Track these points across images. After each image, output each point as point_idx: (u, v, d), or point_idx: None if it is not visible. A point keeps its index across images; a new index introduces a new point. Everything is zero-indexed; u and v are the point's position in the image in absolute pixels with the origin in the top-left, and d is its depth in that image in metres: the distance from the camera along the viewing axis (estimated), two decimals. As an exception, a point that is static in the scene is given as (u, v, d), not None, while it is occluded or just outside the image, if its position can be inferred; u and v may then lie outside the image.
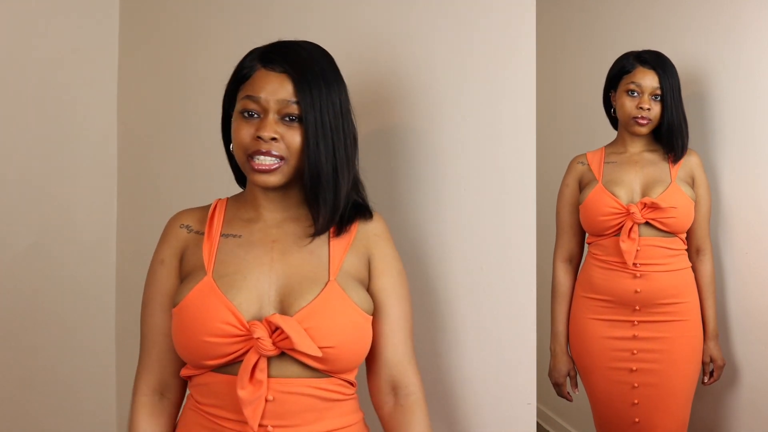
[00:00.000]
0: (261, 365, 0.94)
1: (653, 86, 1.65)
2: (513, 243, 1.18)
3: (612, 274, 1.64)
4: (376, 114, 1.33)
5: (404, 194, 1.30)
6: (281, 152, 0.98)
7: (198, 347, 0.96)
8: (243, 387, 0.93)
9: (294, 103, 0.98)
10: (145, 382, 1.06)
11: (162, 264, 1.06)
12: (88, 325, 1.92)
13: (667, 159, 1.68)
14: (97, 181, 1.93)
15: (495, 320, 1.20)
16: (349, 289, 1.01)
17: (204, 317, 0.96)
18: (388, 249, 1.09)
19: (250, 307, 0.97)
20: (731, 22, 1.65)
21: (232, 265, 1.01)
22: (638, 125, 1.66)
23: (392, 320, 1.06)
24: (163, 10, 1.85)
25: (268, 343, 0.94)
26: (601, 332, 1.66)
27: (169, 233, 1.07)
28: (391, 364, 1.06)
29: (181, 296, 0.99)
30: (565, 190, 1.75)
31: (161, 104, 1.84)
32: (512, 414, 1.19)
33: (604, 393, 1.67)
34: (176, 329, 0.99)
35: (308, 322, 0.96)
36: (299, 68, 0.99)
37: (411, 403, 1.06)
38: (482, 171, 1.21)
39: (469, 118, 1.22)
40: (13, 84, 1.76)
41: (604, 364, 1.66)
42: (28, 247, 1.81)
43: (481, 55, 1.20)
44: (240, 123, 1.00)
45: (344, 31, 1.38)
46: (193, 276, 1.01)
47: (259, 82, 1.00)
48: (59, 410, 1.87)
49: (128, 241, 1.94)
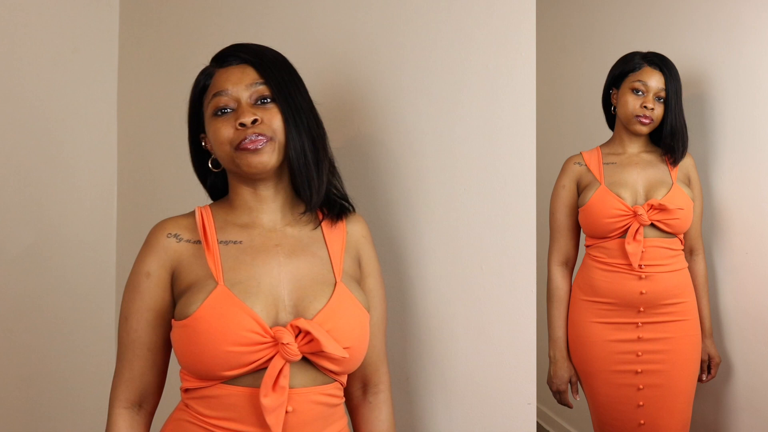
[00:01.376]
0: (285, 371, 0.93)
1: (659, 87, 1.65)
2: (513, 243, 1.18)
3: (616, 276, 1.63)
4: (376, 114, 1.33)
5: (404, 194, 1.30)
6: (267, 132, 0.98)
7: (219, 358, 0.93)
8: (266, 395, 0.91)
9: (262, 85, 0.99)
10: (124, 394, 1.03)
11: (148, 277, 1.01)
12: (87, 326, 1.92)
13: (664, 160, 1.68)
14: (97, 181, 1.93)
15: (495, 320, 1.20)
16: (352, 289, 1.02)
17: (224, 327, 0.93)
18: (372, 251, 1.11)
19: (269, 314, 0.96)
20: (731, 23, 1.65)
21: (242, 271, 0.98)
22: (641, 124, 1.66)
23: (374, 322, 1.09)
24: (163, 10, 1.85)
25: (295, 348, 0.93)
26: (605, 335, 1.65)
27: (155, 244, 1.02)
28: (366, 363, 1.08)
29: (191, 308, 0.95)
30: (562, 192, 1.73)
31: (161, 104, 1.84)
32: (512, 414, 1.19)
33: (608, 396, 1.66)
34: (188, 342, 0.95)
35: (328, 324, 0.96)
36: (256, 55, 1.02)
37: (379, 402, 1.10)
38: (482, 171, 1.21)
39: (470, 119, 1.22)
40: (13, 84, 1.76)
41: (609, 368, 1.65)
42: (27, 247, 1.81)
43: (482, 56, 1.20)
44: (216, 122, 1.00)
45: (345, 31, 1.38)
46: (200, 286, 0.97)
47: (221, 78, 1.01)
48: (59, 411, 1.87)
49: (128, 241, 1.94)
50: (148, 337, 1.02)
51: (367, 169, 1.35)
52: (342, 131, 1.35)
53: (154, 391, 1.06)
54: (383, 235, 1.31)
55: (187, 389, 1.00)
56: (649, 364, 1.62)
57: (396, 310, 1.29)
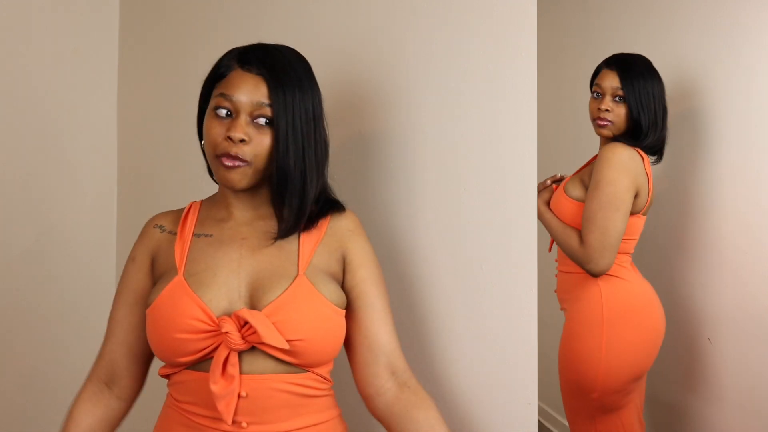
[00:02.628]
0: (232, 360, 0.96)
1: (614, 86, 1.63)
2: (513, 243, 1.18)
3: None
4: (376, 115, 1.33)
5: (404, 194, 1.30)
6: (248, 156, 0.99)
7: (170, 344, 0.98)
8: (215, 382, 0.95)
9: (267, 106, 0.99)
10: (95, 371, 1.11)
11: (133, 262, 1.10)
12: (88, 326, 1.92)
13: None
14: (97, 181, 1.93)
15: (495, 320, 1.20)
16: (318, 282, 1.02)
17: (174, 315, 0.97)
18: (363, 243, 1.10)
19: (219, 304, 0.98)
20: (731, 23, 1.65)
21: (201, 263, 1.02)
22: (599, 126, 1.66)
23: (379, 309, 1.07)
24: (163, 10, 1.85)
25: (236, 337, 0.95)
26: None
27: (144, 233, 1.11)
28: (388, 350, 1.06)
29: (154, 296, 1.01)
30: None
31: (161, 104, 1.84)
32: (513, 414, 1.19)
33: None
34: (149, 328, 1.01)
35: (276, 315, 0.97)
36: (275, 72, 1.01)
37: (416, 384, 1.07)
38: (483, 171, 1.21)
39: (471, 119, 1.22)
40: (13, 84, 1.76)
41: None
42: (27, 247, 1.81)
43: (482, 56, 1.20)
44: (212, 121, 1.01)
45: (346, 32, 1.38)
46: (166, 276, 1.03)
47: (235, 81, 1.01)
48: (59, 411, 1.87)
49: (128, 241, 1.93)
50: (124, 317, 1.09)
51: (366, 168, 1.35)
52: (341, 131, 1.35)
53: (125, 374, 1.10)
54: (382, 234, 1.31)
55: (165, 375, 1.05)
56: None
57: (395, 309, 1.29)
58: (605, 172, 1.57)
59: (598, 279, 1.62)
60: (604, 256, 1.56)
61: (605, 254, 1.56)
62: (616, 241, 1.56)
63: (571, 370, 1.66)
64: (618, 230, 1.56)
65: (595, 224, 1.56)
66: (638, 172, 1.60)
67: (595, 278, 1.62)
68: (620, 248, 1.61)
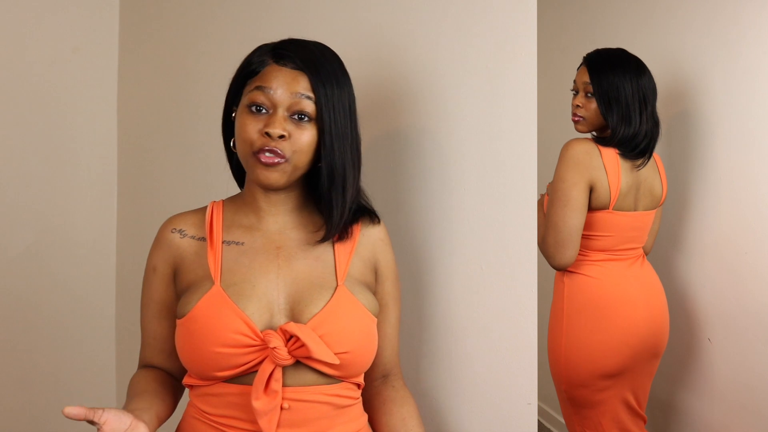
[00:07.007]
0: (276, 375, 0.92)
1: (584, 81, 1.63)
2: (514, 243, 1.18)
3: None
4: (376, 115, 1.33)
5: (405, 194, 1.30)
6: (287, 152, 0.94)
7: (208, 358, 0.93)
8: (258, 398, 0.91)
9: (307, 98, 0.95)
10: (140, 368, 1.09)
11: (154, 272, 1.04)
12: (88, 326, 1.92)
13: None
14: (97, 181, 1.93)
15: (495, 320, 1.20)
16: (357, 292, 1.00)
17: (214, 327, 0.92)
18: (391, 254, 1.10)
19: (261, 317, 0.95)
20: (730, 23, 1.65)
21: (238, 273, 0.97)
22: (574, 122, 1.66)
23: (392, 323, 1.10)
24: (164, 10, 1.85)
25: (284, 353, 0.91)
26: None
27: (162, 239, 1.03)
28: (386, 362, 1.10)
29: (188, 307, 0.96)
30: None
31: (161, 104, 1.84)
32: (512, 414, 1.19)
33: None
34: (182, 340, 0.96)
35: (322, 328, 0.94)
36: (313, 66, 0.96)
37: (401, 385, 1.10)
38: (483, 171, 1.21)
39: (470, 118, 1.22)
40: (13, 84, 1.76)
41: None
42: (27, 247, 1.81)
43: (483, 56, 1.20)
44: (246, 117, 0.96)
45: (345, 32, 1.38)
46: (199, 285, 0.98)
47: (271, 75, 0.96)
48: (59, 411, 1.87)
49: (128, 241, 1.94)
50: (153, 327, 1.06)
51: (365, 168, 1.35)
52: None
53: (168, 368, 1.08)
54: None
55: (189, 386, 1.01)
56: None
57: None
58: (557, 169, 1.59)
59: (563, 274, 1.65)
60: (559, 251, 1.56)
61: (560, 250, 1.56)
62: (568, 236, 1.55)
63: (549, 362, 1.69)
64: (569, 226, 1.55)
65: (549, 220, 1.58)
66: (592, 166, 1.57)
67: (561, 273, 1.65)
68: (589, 245, 1.60)
